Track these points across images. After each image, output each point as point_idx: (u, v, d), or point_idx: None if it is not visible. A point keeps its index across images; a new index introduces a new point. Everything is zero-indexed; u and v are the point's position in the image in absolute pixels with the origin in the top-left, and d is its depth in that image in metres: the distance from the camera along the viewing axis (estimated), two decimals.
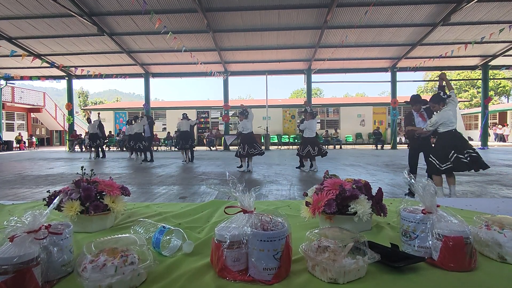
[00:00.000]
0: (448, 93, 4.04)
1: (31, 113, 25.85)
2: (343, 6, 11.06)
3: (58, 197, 0.94)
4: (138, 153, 10.61)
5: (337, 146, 19.78)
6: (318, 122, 23.49)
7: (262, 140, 17.79)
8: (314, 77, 17.57)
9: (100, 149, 12.16)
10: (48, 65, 15.19)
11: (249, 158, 7.52)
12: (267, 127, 18.12)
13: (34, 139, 23.48)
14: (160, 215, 1.26)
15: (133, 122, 10.64)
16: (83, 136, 19.83)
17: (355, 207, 0.99)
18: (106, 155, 12.72)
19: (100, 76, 16.33)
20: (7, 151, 18.50)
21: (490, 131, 22.42)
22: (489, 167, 3.77)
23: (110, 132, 21.50)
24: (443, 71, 4.61)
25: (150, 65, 16.94)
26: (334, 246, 0.71)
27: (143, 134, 10.44)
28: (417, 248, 0.82)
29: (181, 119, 10.37)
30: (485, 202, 1.53)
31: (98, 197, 1.11)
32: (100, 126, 11.85)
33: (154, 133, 19.85)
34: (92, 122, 11.86)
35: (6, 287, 0.61)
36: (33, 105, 24.89)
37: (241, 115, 7.61)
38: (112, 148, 20.18)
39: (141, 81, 17.99)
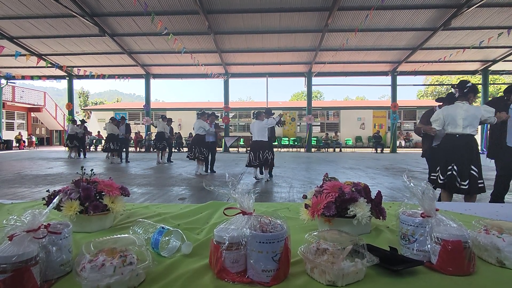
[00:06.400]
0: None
1: (31, 113, 25.86)
2: (344, 10, 11.10)
3: (57, 197, 0.94)
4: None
5: (337, 149, 19.79)
6: (316, 125, 23.48)
7: None
8: (315, 80, 17.61)
9: (80, 150, 12.87)
10: (51, 66, 15.22)
11: (202, 162, 7.45)
12: None
13: (33, 139, 23.47)
14: (159, 216, 1.26)
15: (110, 121, 10.68)
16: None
17: (354, 210, 0.99)
18: (86, 156, 13.60)
19: (102, 76, 16.35)
20: (7, 150, 18.48)
21: None
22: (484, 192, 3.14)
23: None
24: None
25: (150, 66, 16.98)
26: (333, 248, 0.71)
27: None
28: (416, 252, 0.82)
29: (159, 119, 10.49)
30: (484, 207, 1.53)
31: (98, 197, 1.11)
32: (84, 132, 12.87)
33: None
34: (75, 125, 12.50)
35: (5, 286, 0.61)
36: (34, 105, 24.89)
37: (202, 116, 7.46)
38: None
39: (141, 82, 18.05)
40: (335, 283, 0.69)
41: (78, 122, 12.75)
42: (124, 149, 10.83)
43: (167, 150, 10.56)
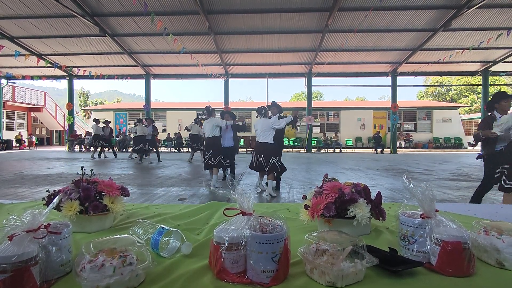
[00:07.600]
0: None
1: (32, 113, 25.87)
2: (344, 10, 11.11)
3: (57, 197, 0.94)
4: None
5: (337, 150, 19.78)
6: (316, 125, 23.44)
7: None
8: (315, 80, 17.62)
9: (104, 150, 12.88)
10: (51, 66, 15.24)
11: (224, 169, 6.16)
12: None
13: (33, 139, 23.48)
14: (159, 216, 1.26)
15: (136, 124, 10.86)
16: (83, 136, 19.87)
17: (354, 211, 0.99)
18: (116, 155, 13.66)
19: (102, 77, 16.35)
20: (7, 150, 18.48)
21: None
22: None
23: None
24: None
25: (151, 66, 16.99)
26: (332, 249, 0.71)
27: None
28: (415, 253, 0.82)
29: (193, 122, 10.96)
30: (484, 208, 1.53)
31: (98, 197, 1.11)
32: (110, 131, 13.02)
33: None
34: (99, 125, 12.52)
35: (4, 286, 0.61)
36: (34, 105, 24.90)
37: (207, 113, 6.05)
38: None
39: (142, 82, 18.06)
40: (335, 284, 0.69)
41: (102, 124, 12.74)
42: (154, 149, 11.10)
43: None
